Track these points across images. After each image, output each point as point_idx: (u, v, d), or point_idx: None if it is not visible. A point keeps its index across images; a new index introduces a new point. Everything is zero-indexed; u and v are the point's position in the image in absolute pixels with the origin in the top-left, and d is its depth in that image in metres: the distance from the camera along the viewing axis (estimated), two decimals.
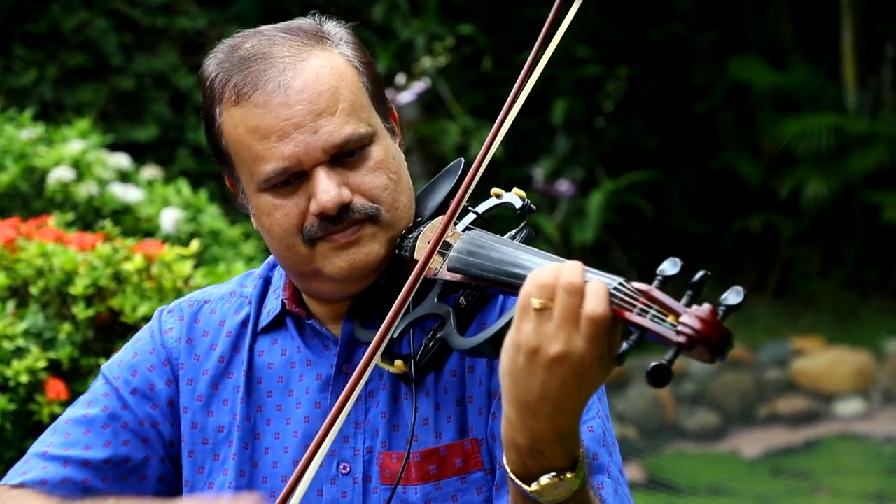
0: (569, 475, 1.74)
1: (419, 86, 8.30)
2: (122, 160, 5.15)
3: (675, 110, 10.83)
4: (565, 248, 9.08)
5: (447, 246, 1.94)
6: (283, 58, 1.99)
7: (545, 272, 1.70)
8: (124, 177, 5.10)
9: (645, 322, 1.63)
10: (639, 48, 10.73)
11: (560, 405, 1.69)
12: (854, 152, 9.81)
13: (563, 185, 9.13)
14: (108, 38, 8.92)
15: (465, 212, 2.04)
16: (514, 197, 2.04)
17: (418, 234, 2.02)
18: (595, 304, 1.66)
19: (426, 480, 2.00)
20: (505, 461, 1.78)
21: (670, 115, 10.83)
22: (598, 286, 1.67)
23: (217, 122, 2.02)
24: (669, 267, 1.67)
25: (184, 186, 5.09)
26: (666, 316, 1.63)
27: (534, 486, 1.75)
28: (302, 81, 1.97)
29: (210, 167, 8.94)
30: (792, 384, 8.84)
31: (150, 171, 5.49)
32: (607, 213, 9.43)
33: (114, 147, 6.10)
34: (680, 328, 1.60)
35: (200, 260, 4.41)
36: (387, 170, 2.01)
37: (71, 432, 2.12)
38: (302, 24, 2.06)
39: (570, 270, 1.69)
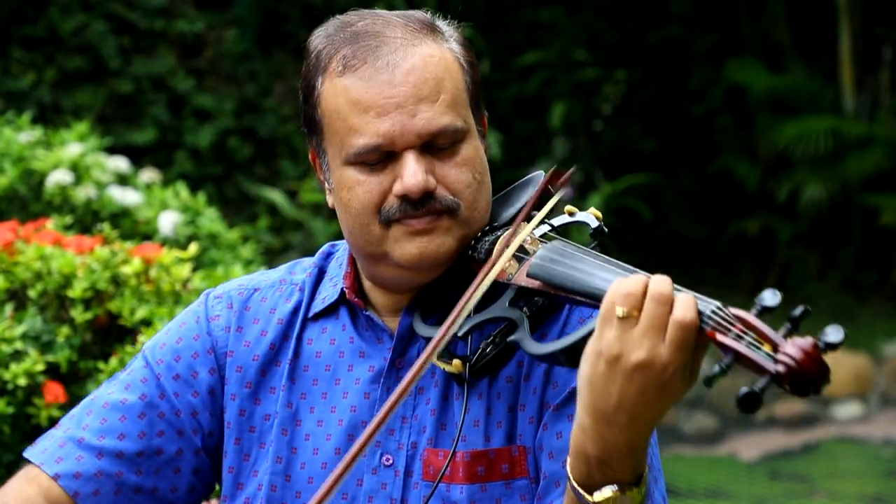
0: (633, 490, 1.76)
1: None
2: (120, 163, 5.15)
3: (673, 113, 10.83)
4: None
5: (524, 251, 1.95)
6: (396, 38, 2.01)
7: (632, 281, 1.71)
8: (123, 180, 5.09)
9: (740, 347, 1.64)
10: (636, 51, 10.74)
11: (636, 415, 1.70)
12: (852, 155, 9.81)
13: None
14: (107, 41, 8.92)
15: (540, 224, 2.04)
16: (590, 216, 2.06)
17: (494, 238, 2.02)
18: (684, 311, 1.68)
19: (473, 481, 2.00)
20: (569, 469, 1.78)
21: (668, 118, 10.83)
22: (687, 296, 1.69)
23: (317, 91, 2.04)
24: (769, 297, 1.66)
25: (182, 189, 5.08)
26: (762, 344, 1.63)
27: (597, 497, 1.76)
28: (410, 64, 1.99)
29: (208, 170, 8.94)
30: None
31: (149, 174, 5.49)
32: (605, 216, 9.41)
33: (112, 150, 6.10)
34: (780, 357, 1.61)
35: (199, 263, 4.41)
36: (473, 168, 2.03)
37: (107, 418, 2.12)
38: (416, 13, 2.09)
39: (659, 280, 1.71)
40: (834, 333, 1.61)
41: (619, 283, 1.72)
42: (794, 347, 1.61)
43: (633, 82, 10.28)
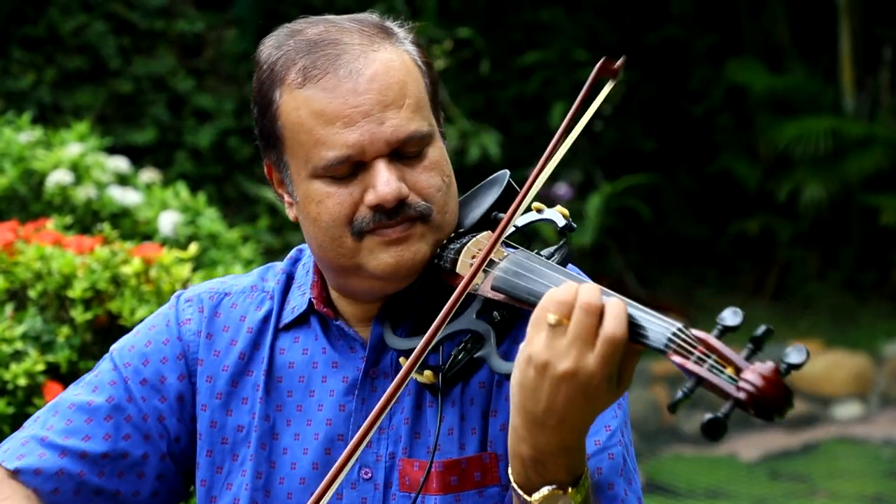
0: (570, 490, 1.76)
1: None
2: (120, 163, 5.15)
3: (673, 113, 10.83)
4: None
5: (490, 262, 1.93)
6: (355, 45, 1.97)
7: (563, 290, 1.71)
8: (123, 180, 5.09)
9: (702, 371, 1.63)
10: (636, 51, 10.73)
11: (565, 420, 1.71)
12: (852, 155, 9.81)
13: (562, 189, 9.14)
14: (107, 41, 8.91)
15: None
16: (557, 214, 2.04)
17: (460, 247, 2.00)
18: (614, 324, 1.67)
19: (447, 491, 1.99)
20: (509, 471, 1.79)
21: (668, 118, 10.83)
22: (618, 307, 1.68)
23: (275, 104, 1.99)
24: (730, 317, 1.65)
25: (182, 189, 5.08)
26: (724, 367, 1.62)
27: (534, 497, 1.76)
28: (373, 71, 1.96)
29: (209, 170, 8.93)
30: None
31: (149, 175, 5.49)
32: (605, 216, 9.43)
33: (112, 150, 6.10)
34: (741, 384, 1.60)
35: (199, 263, 4.41)
36: (441, 172, 2.00)
37: (73, 419, 2.09)
38: (368, 16, 2.05)
39: (588, 290, 1.70)
40: (795, 355, 1.62)
41: (553, 290, 1.72)
42: (754, 374, 1.60)
43: (632, 82, 10.27)
